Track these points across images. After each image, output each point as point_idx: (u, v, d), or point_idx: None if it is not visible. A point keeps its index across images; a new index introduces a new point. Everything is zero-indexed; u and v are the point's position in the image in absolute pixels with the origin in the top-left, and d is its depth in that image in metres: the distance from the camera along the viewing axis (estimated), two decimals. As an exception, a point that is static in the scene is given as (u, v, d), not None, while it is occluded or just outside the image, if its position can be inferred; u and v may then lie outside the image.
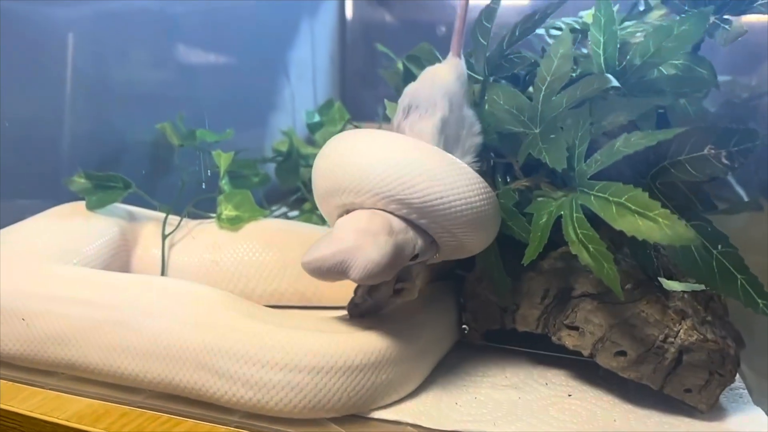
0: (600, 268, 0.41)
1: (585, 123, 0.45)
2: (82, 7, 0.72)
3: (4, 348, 0.50)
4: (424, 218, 0.43)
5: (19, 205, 0.64)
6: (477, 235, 0.46)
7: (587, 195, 0.44)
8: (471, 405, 0.47)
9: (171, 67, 0.86)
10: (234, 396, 0.44)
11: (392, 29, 1.11)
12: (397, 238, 0.42)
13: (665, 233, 0.38)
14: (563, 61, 0.49)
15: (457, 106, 0.48)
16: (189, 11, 0.86)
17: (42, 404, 0.47)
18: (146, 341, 0.46)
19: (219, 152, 0.70)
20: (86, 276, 0.53)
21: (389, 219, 0.42)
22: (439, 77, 0.49)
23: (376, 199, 0.43)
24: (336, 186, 0.45)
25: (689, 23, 0.45)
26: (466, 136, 0.48)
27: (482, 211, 0.44)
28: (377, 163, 0.43)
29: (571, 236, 0.43)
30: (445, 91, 0.48)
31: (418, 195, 0.42)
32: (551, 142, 0.46)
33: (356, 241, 0.40)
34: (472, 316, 0.54)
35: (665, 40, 0.46)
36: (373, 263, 0.39)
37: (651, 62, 0.47)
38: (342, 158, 0.45)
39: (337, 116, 0.90)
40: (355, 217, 0.43)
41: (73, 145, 0.72)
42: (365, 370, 0.44)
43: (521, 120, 0.50)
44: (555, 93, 0.49)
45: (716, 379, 0.45)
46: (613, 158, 0.43)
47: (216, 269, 0.62)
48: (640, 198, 0.40)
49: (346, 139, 0.47)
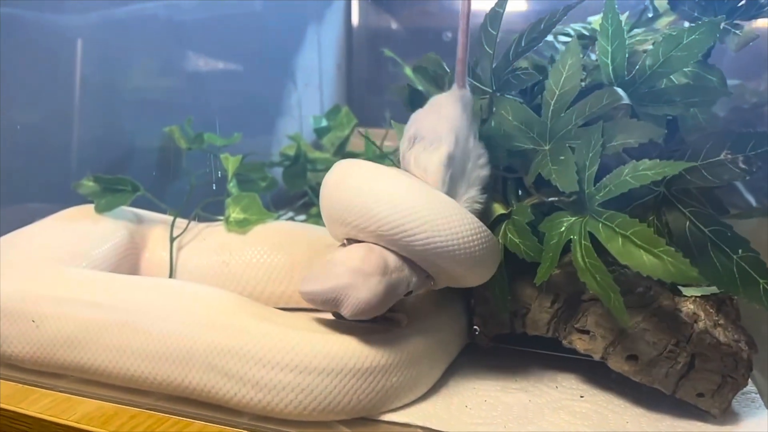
0: (607, 298, 0.42)
1: (596, 144, 0.45)
2: (91, 14, 0.73)
3: (15, 350, 0.50)
4: (424, 262, 0.45)
5: (30, 208, 0.65)
6: (474, 275, 0.47)
7: (596, 221, 0.44)
8: (481, 408, 0.47)
9: (179, 73, 0.87)
10: (244, 398, 0.44)
11: (398, 35, 1.12)
12: (391, 277, 0.43)
13: (669, 270, 0.39)
14: (572, 73, 0.49)
15: (463, 139, 0.48)
16: (197, 18, 0.86)
17: (52, 406, 0.47)
18: (155, 343, 0.46)
19: (227, 155, 0.70)
20: (95, 278, 0.53)
21: (386, 258, 0.44)
22: (445, 109, 0.49)
23: (378, 239, 0.44)
24: (341, 219, 0.46)
25: (700, 32, 0.45)
26: (471, 169, 0.48)
27: (481, 256, 0.45)
28: (382, 206, 0.43)
29: (579, 263, 0.44)
30: (451, 125, 0.47)
31: (420, 243, 0.43)
32: (561, 163, 0.46)
33: (349, 280, 0.42)
34: (481, 320, 0.53)
35: (675, 49, 0.46)
36: (364, 303, 0.41)
37: (661, 72, 0.47)
38: (348, 195, 0.46)
39: (345, 121, 0.90)
40: (352, 254, 0.44)
41: (82, 149, 0.72)
42: (375, 373, 0.44)
43: (530, 137, 0.49)
44: (564, 108, 0.48)
45: (729, 383, 0.45)
46: (621, 188, 0.43)
47: (225, 271, 0.62)
48: (645, 233, 0.40)
49: (353, 174, 0.47)
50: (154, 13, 0.81)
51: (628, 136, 0.45)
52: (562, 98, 0.48)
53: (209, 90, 0.90)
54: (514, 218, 0.49)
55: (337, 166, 0.48)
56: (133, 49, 0.79)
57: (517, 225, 0.48)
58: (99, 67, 0.74)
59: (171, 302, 0.48)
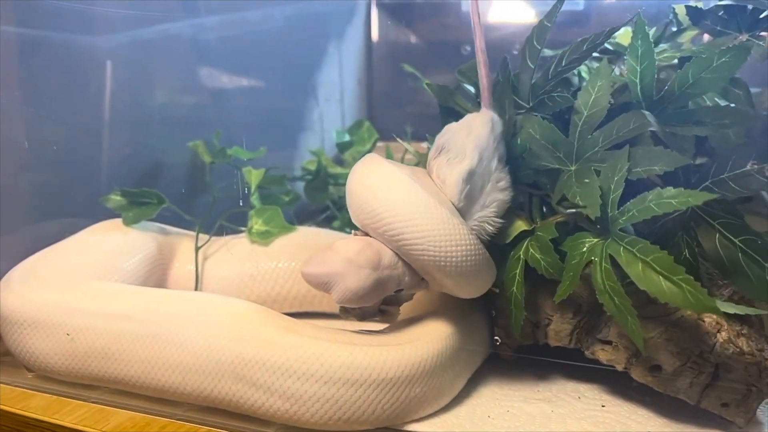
0: (624, 322, 0.42)
1: (621, 168, 0.45)
2: (118, 35, 0.75)
3: (50, 362, 0.52)
4: (419, 269, 0.48)
5: (63, 223, 0.67)
6: (464, 290, 0.49)
7: (617, 245, 0.43)
8: (504, 418, 0.47)
9: (203, 90, 0.89)
10: (271, 408, 0.45)
11: (417, 49, 1.13)
12: (382, 273, 0.47)
13: (688, 300, 0.39)
14: (601, 95, 0.48)
15: (486, 159, 0.48)
16: (220, 36, 0.88)
17: (86, 417, 0.48)
18: (185, 355, 0.47)
19: (250, 169, 0.72)
20: (127, 292, 0.54)
21: (382, 254, 0.47)
22: (475, 127, 0.49)
23: (380, 237, 0.47)
24: (355, 213, 0.49)
25: (730, 55, 0.45)
26: (489, 191, 0.49)
27: (471, 273, 0.47)
28: (387, 211, 0.46)
29: (599, 284, 0.44)
30: (478, 143, 0.48)
31: (415, 252, 0.46)
32: (586, 186, 0.46)
33: (342, 269, 0.46)
34: (504, 332, 0.54)
35: (705, 71, 0.45)
36: (351, 292, 0.45)
37: (690, 93, 0.46)
38: (365, 194, 0.48)
39: (366, 135, 0.92)
40: (351, 245, 0.47)
41: (111, 165, 0.74)
42: (399, 384, 0.45)
43: (557, 156, 0.49)
44: (592, 130, 0.48)
45: (753, 392, 0.44)
46: (645, 215, 0.42)
47: (251, 276, 0.64)
48: (665, 260, 0.40)
49: (373, 174, 0.48)
50: (178, 33, 0.83)
51: (653, 163, 0.44)
52: (590, 120, 0.48)
53: (233, 106, 0.92)
54: (538, 234, 0.49)
55: (365, 161, 0.50)
56: (160, 67, 0.81)
57: (541, 241, 0.48)
58: (127, 85, 0.76)
59: (200, 315, 0.49)
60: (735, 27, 0.50)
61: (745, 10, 0.50)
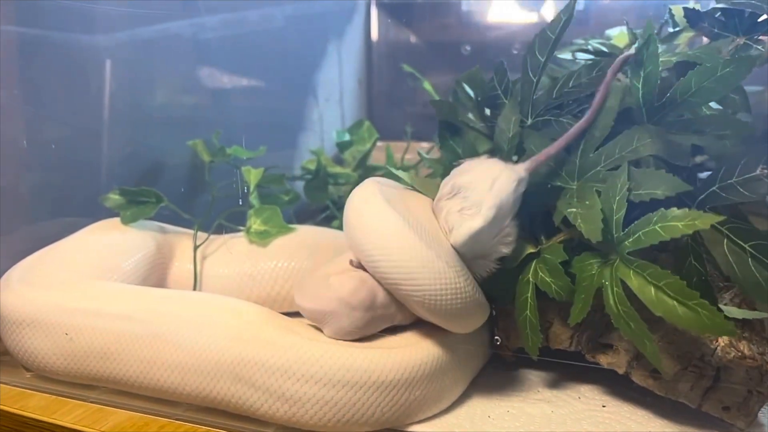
0: (642, 345, 0.42)
1: (622, 189, 0.44)
2: (118, 34, 0.75)
3: (48, 362, 0.52)
4: (409, 308, 0.48)
5: (63, 222, 0.67)
6: (453, 328, 0.49)
7: (627, 269, 0.42)
8: (504, 418, 0.47)
9: (203, 89, 0.88)
10: (269, 409, 0.45)
11: (417, 49, 1.13)
12: (375, 313, 0.48)
13: (704, 324, 0.39)
14: (606, 114, 0.48)
15: (501, 217, 0.46)
16: (220, 36, 0.88)
17: (84, 417, 0.48)
18: (184, 355, 0.47)
19: (249, 168, 0.72)
20: (126, 292, 0.54)
21: (375, 294, 0.47)
22: (500, 182, 0.47)
23: (373, 274, 0.48)
24: (350, 244, 0.49)
25: (734, 66, 0.44)
26: (495, 245, 0.47)
27: (460, 315, 0.47)
28: (379, 253, 0.46)
29: (613, 309, 0.43)
30: (497, 202, 0.46)
31: (403, 292, 0.46)
32: (587, 209, 0.45)
33: (335, 308, 0.47)
34: (504, 334, 0.54)
35: (708, 80, 0.45)
36: (343, 331, 0.47)
37: (691, 101, 0.46)
38: (358, 230, 0.48)
39: (366, 135, 0.92)
40: (345, 284, 0.47)
41: (111, 165, 0.74)
42: (399, 387, 0.45)
43: (558, 174, 0.49)
44: (594, 148, 0.47)
45: (755, 396, 0.44)
46: (651, 239, 0.41)
47: (250, 276, 0.64)
48: (678, 285, 0.40)
49: (366, 211, 0.48)
50: (178, 32, 0.83)
51: (655, 187, 0.44)
52: (594, 138, 0.48)
53: (233, 106, 0.92)
54: (545, 257, 0.48)
55: (362, 193, 0.49)
56: (160, 67, 0.81)
57: (549, 264, 0.47)
58: (127, 85, 0.76)
59: (200, 315, 0.49)
60: (733, 30, 0.50)
61: (743, 13, 0.49)
